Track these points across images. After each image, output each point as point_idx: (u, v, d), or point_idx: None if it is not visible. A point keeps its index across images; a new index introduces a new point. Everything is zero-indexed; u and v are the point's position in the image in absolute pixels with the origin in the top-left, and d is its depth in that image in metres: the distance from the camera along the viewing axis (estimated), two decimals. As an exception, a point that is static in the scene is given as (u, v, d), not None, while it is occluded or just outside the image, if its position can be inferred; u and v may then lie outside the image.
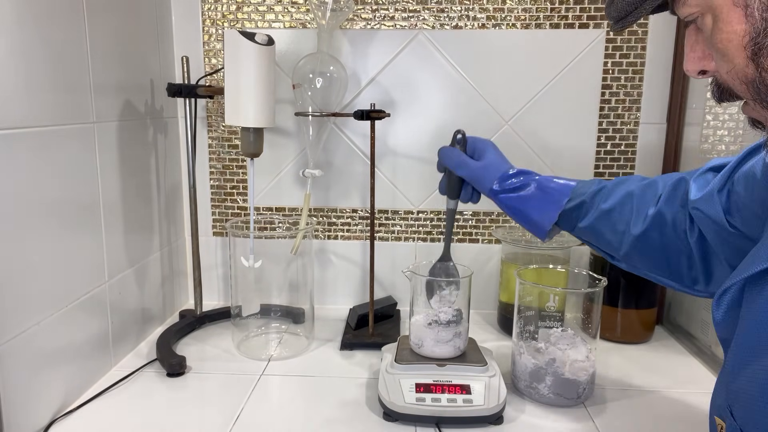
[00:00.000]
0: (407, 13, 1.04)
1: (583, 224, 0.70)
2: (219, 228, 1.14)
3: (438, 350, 0.79)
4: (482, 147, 0.77)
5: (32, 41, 0.69)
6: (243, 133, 0.88)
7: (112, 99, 0.87)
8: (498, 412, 0.74)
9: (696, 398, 0.82)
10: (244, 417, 0.75)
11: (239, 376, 0.86)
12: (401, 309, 1.09)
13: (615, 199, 0.68)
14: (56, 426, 0.73)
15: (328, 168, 1.10)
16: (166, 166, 1.05)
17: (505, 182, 0.73)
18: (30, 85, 0.68)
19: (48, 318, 0.72)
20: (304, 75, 0.94)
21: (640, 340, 1.01)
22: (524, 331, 0.83)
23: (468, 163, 0.75)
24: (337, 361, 0.92)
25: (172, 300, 1.10)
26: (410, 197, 1.11)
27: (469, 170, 0.75)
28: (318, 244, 1.13)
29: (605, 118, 1.06)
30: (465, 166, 0.75)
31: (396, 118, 1.07)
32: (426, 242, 1.12)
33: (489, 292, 1.11)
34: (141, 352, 0.94)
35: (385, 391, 0.75)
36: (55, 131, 0.73)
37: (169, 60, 1.06)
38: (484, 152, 0.76)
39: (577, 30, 1.03)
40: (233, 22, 1.07)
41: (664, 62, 1.04)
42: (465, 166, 0.75)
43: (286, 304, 1.04)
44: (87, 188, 0.81)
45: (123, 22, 0.90)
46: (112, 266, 0.87)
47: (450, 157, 0.77)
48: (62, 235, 0.75)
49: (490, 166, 0.74)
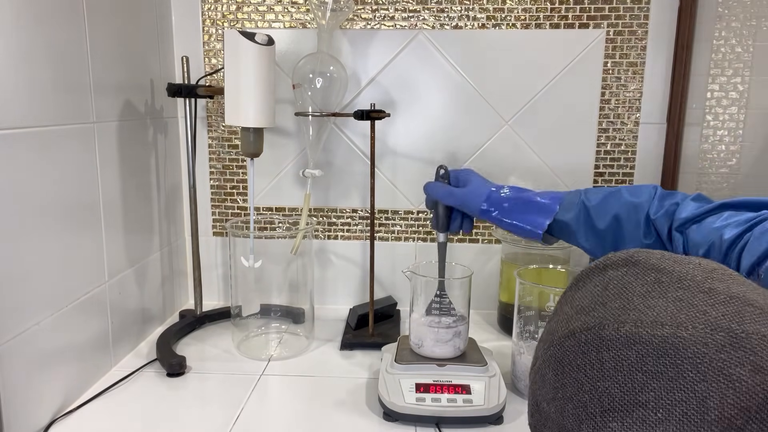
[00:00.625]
0: (407, 13, 1.04)
1: (576, 242, 0.71)
2: (219, 228, 1.14)
3: (438, 350, 0.79)
4: (465, 176, 0.79)
5: (32, 41, 0.69)
6: (243, 133, 0.88)
7: (112, 99, 0.87)
8: (498, 412, 0.74)
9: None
10: (244, 417, 0.75)
11: (239, 376, 0.86)
12: (401, 309, 1.09)
13: (605, 220, 0.67)
14: (56, 426, 0.73)
15: (328, 168, 1.10)
16: (166, 166, 1.05)
17: (492, 200, 0.74)
18: (30, 85, 0.68)
19: (48, 318, 0.72)
20: (304, 75, 0.94)
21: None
22: (524, 331, 0.83)
23: (454, 192, 0.77)
24: (337, 361, 0.92)
25: (172, 300, 1.10)
26: (410, 197, 1.11)
27: (456, 197, 0.77)
28: (318, 244, 1.13)
29: (605, 118, 1.06)
30: (452, 195, 0.77)
31: (396, 118, 1.07)
32: (426, 242, 1.12)
33: (489, 292, 1.11)
34: (141, 352, 0.94)
35: (385, 391, 0.75)
36: (55, 131, 0.73)
37: (169, 60, 1.06)
38: (468, 180, 0.78)
39: (577, 30, 1.03)
40: (233, 22, 1.07)
41: (664, 62, 1.04)
42: (451, 194, 0.77)
43: (286, 304, 1.04)
44: (87, 188, 0.81)
45: (123, 22, 0.90)
46: (112, 266, 0.87)
47: (436, 190, 0.79)
48: (62, 235, 0.75)
49: (476, 189, 0.76)
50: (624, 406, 0.36)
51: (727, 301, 0.36)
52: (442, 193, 0.78)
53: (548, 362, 0.42)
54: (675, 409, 0.33)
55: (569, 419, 0.39)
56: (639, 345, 0.36)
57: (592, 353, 0.38)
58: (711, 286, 0.37)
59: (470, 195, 0.76)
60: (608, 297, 0.41)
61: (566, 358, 0.40)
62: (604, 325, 0.39)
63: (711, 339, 0.34)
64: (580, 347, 0.39)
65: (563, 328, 0.42)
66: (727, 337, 0.33)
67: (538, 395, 0.42)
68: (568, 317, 0.43)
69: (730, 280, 0.37)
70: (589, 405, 0.37)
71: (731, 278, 0.37)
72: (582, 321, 0.41)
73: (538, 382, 0.43)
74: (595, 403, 0.37)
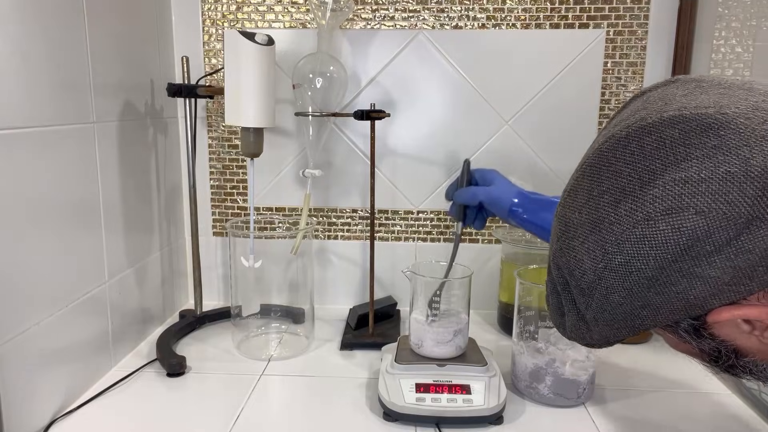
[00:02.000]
0: (407, 13, 1.04)
1: None
2: (219, 228, 1.14)
3: (438, 350, 0.79)
4: (490, 175, 0.79)
5: (32, 41, 0.69)
6: (243, 133, 0.88)
7: (112, 99, 0.87)
8: (498, 412, 0.74)
9: (696, 398, 0.82)
10: (244, 417, 0.75)
11: (239, 376, 0.86)
12: (401, 309, 1.09)
13: None
14: (56, 426, 0.73)
15: (328, 168, 1.10)
16: (166, 166, 1.05)
17: (521, 201, 0.75)
18: (30, 85, 0.68)
19: (48, 318, 0.72)
20: (304, 75, 0.94)
21: (640, 340, 1.01)
22: (524, 331, 0.83)
23: (481, 189, 0.78)
24: (337, 361, 0.92)
25: (172, 300, 1.10)
26: (410, 197, 1.11)
27: (485, 194, 0.77)
28: (318, 244, 1.13)
29: (605, 118, 1.06)
30: (480, 192, 0.77)
31: (396, 118, 1.07)
32: (426, 242, 1.12)
33: (489, 292, 1.11)
34: (141, 352, 0.94)
35: (385, 391, 0.75)
36: (55, 131, 0.73)
37: (169, 60, 1.06)
38: (493, 179, 0.78)
39: (577, 30, 1.03)
40: (233, 22, 1.07)
41: (664, 62, 1.04)
42: (480, 192, 0.77)
43: (286, 304, 1.04)
44: (87, 188, 0.81)
45: (123, 22, 0.90)
46: (112, 266, 0.87)
47: (467, 191, 0.79)
48: (62, 235, 0.75)
49: (505, 188, 0.77)
50: (665, 175, 0.37)
51: (766, 93, 0.39)
52: (472, 192, 0.78)
53: (583, 173, 0.43)
54: (719, 169, 0.35)
55: (604, 209, 0.40)
56: (682, 123, 0.37)
57: (632, 142, 0.39)
58: (750, 86, 0.40)
59: (500, 193, 0.76)
60: (649, 103, 0.42)
61: (603, 157, 0.41)
62: (645, 118, 0.40)
63: (753, 115, 0.36)
64: (620, 142, 0.40)
65: (600, 139, 0.43)
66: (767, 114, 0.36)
67: (568, 211, 0.43)
68: (605, 132, 0.44)
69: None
70: (627, 186, 0.39)
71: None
72: (621, 126, 0.42)
73: (570, 198, 0.44)
74: (634, 181, 0.38)
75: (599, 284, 0.40)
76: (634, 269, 0.38)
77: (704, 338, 0.42)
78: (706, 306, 0.38)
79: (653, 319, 0.40)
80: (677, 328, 0.42)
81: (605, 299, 0.41)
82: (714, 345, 0.42)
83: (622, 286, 0.39)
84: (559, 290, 0.46)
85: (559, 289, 0.46)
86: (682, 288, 0.37)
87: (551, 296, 0.48)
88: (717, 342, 0.42)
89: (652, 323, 0.41)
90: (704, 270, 0.36)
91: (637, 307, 0.40)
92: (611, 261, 0.39)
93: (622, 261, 0.38)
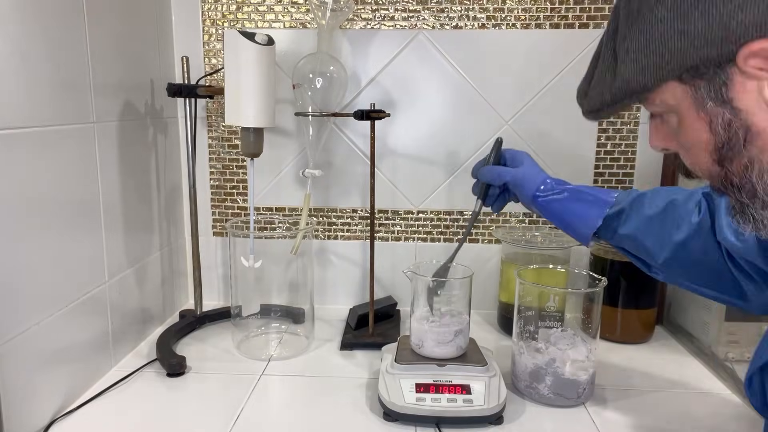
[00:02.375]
0: (407, 13, 1.04)
1: (624, 231, 0.70)
2: (219, 228, 1.14)
3: (438, 350, 0.79)
4: (520, 157, 0.78)
5: (32, 41, 0.69)
6: (243, 133, 0.88)
7: (112, 99, 0.87)
8: (498, 412, 0.74)
9: (696, 398, 0.82)
10: (244, 417, 0.75)
11: (239, 376, 0.86)
12: (401, 309, 1.09)
13: (658, 205, 0.68)
14: (56, 426, 0.73)
15: (328, 168, 1.10)
16: (166, 166, 1.05)
17: (548, 188, 0.74)
18: (30, 85, 0.68)
19: (48, 318, 0.72)
20: (304, 75, 0.94)
21: (640, 340, 1.01)
22: (524, 331, 0.83)
23: (508, 170, 0.76)
24: (337, 361, 0.92)
25: (172, 300, 1.10)
26: (410, 197, 1.11)
27: (511, 175, 0.75)
28: (318, 244, 1.13)
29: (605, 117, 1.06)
30: (506, 173, 0.76)
31: (396, 118, 1.07)
32: (426, 242, 1.12)
33: (489, 292, 1.11)
34: (141, 352, 0.94)
35: (385, 391, 0.75)
36: (55, 131, 0.73)
37: (169, 60, 1.06)
38: (522, 161, 0.77)
39: (577, 30, 1.03)
40: (233, 22, 1.07)
41: (664, 62, 1.04)
42: (506, 173, 0.76)
43: (286, 304, 1.04)
44: (87, 188, 0.81)
45: (123, 22, 0.90)
46: (112, 266, 0.87)
47: (492, 170, 0.77)
48: (62, 235, 0.75)
49: (533, 172, 0.75)
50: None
51: None
52: (496, 174, 0.76)
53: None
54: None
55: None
56: None
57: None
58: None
59: (527, 177, 0.74)
60: None
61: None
62: None
63: None
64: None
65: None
66: None
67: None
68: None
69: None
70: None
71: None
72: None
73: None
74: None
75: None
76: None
77: (723, 103, 0.42)
78: (746, 36, 0.39)
79: (684, 55, 0.41)
80: (698, 87, 0.42)
81: (651, 13, 0.42)
82: (728, 117, 0.42)
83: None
84: (604, 39, 0.49)
85: (604, 39, 0.49)
86: (729, 9, 0.38)
87: (591, 62, 0.51)
88: (733, 113, 0.42)
89: (680, 62, 0.42)
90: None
91: (676, 32, 0.41)
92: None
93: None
